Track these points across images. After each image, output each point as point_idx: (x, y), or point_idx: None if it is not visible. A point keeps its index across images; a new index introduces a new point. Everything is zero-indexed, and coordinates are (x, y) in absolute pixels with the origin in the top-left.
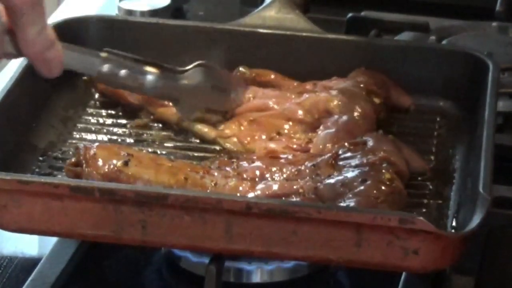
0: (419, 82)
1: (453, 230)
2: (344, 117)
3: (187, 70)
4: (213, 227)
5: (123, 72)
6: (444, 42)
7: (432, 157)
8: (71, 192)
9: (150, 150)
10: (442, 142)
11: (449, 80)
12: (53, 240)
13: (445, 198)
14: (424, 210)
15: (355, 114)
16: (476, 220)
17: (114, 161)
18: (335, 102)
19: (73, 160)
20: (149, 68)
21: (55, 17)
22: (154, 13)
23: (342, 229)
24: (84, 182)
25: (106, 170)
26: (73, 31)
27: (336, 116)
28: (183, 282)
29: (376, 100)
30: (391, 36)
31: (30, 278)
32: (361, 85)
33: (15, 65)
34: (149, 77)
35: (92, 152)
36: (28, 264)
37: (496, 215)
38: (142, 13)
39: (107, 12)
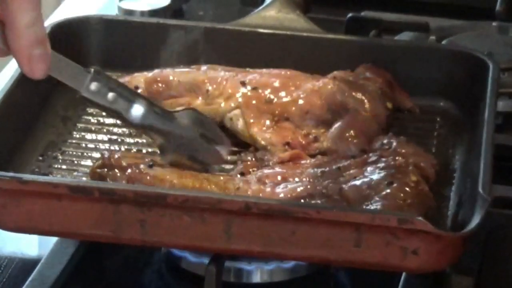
0: (419, 82)
1: (452, 231)
2: (358, 116)
3: (176, 111)
4: (213, 227)
5: (111, 94)
6: (444, 42)
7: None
8: (70, 192)
9: (150, 150)
10: (442, 142)
11: (449, 80)
12: (52, 240)
13: (445, 198)
14: None
15: (370, 114)
16: (475, 221)
17: (138, 164)
18: (354, 97)
19: (99, 163)
20: (137, 98)
21: (55, 17)
22: (154, 13)
23: (341, 229)
24: (84, 182)
25: (130, 172)
26: (74, 31)
27: (350, 115)
28: (183, 282)
29: (389, 105)
30: (391, 36)
31: (30, 278)
32: (377, 85)
33: (15, 65)
34: (137, 106)
35: (116, 156)
36: (28, 264)
37: (496, 215)
38: (142, 13)
39: (107, 12)
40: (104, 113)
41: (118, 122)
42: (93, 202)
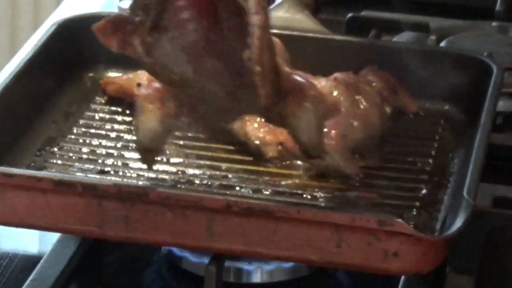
0: (423, 84)
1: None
2: (345, 119)
3: None
4: (195, 224)
5: None
6: (444, 42)
7: (431, 160)
8: (54, 186)
9: None
10: (443, 145)
11: (454, 83)
12: (53, 238)
13: (437, 201)
14: (414, 213)
15: (359, 118)
16: (457, 224)
17: None
18: (348, 99)
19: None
20: None
21: (55, 17)
22: None
23: (322, 230)
24: (68, 177)
25: None
26: (79, 28)
27: (338, 116)
28: (183, 282)
29: (387, 110)
30: (391, 36)
31: (30, 278)
32: (376, 90)
33: (18, 60)
34: None
35: None
36: (28, 263)
37: (496, 215)
38: None
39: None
40: (107, 110)
41: (122, 119)
42: (77, 197)
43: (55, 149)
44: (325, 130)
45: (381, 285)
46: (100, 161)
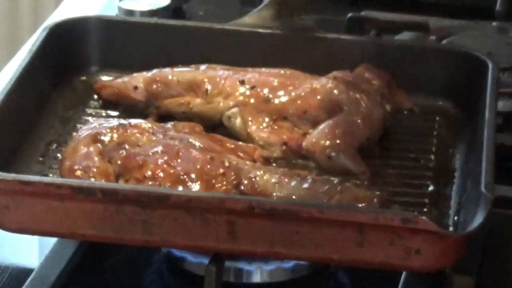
0: (419, 81)
1: (454, 230)
2: (349, 117)
3: None
4: (216, 227)
5: None
6: (444, 42)
7: (432, 157)
8: (73, 193)
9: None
10: (442, 141)
11: (449, 80)
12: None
13: (446, 197)
14: (425, 209)
15: (362, 116)
16: (478, 220)
17: None
18: (350, 98)
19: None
20: None
21: (54, 17)
22: (154, 13)
23: (344, 229)
24: (86, 183)
25: None
26: (72, 32)
27: (341, 114)
28: (183, 282)
29: (387, 107)
30: (391, 36)
31: (30, 278)
32: (376, 88)
33: (15, 65)
34: None
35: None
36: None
37: (496, 215)
38: (142, 13)
39: (107, 12)
40: (103, 114)
41: None
42: (95, 203)
43: (58, 155)
44: (329, 129)
45: (381, 285)
46: None
